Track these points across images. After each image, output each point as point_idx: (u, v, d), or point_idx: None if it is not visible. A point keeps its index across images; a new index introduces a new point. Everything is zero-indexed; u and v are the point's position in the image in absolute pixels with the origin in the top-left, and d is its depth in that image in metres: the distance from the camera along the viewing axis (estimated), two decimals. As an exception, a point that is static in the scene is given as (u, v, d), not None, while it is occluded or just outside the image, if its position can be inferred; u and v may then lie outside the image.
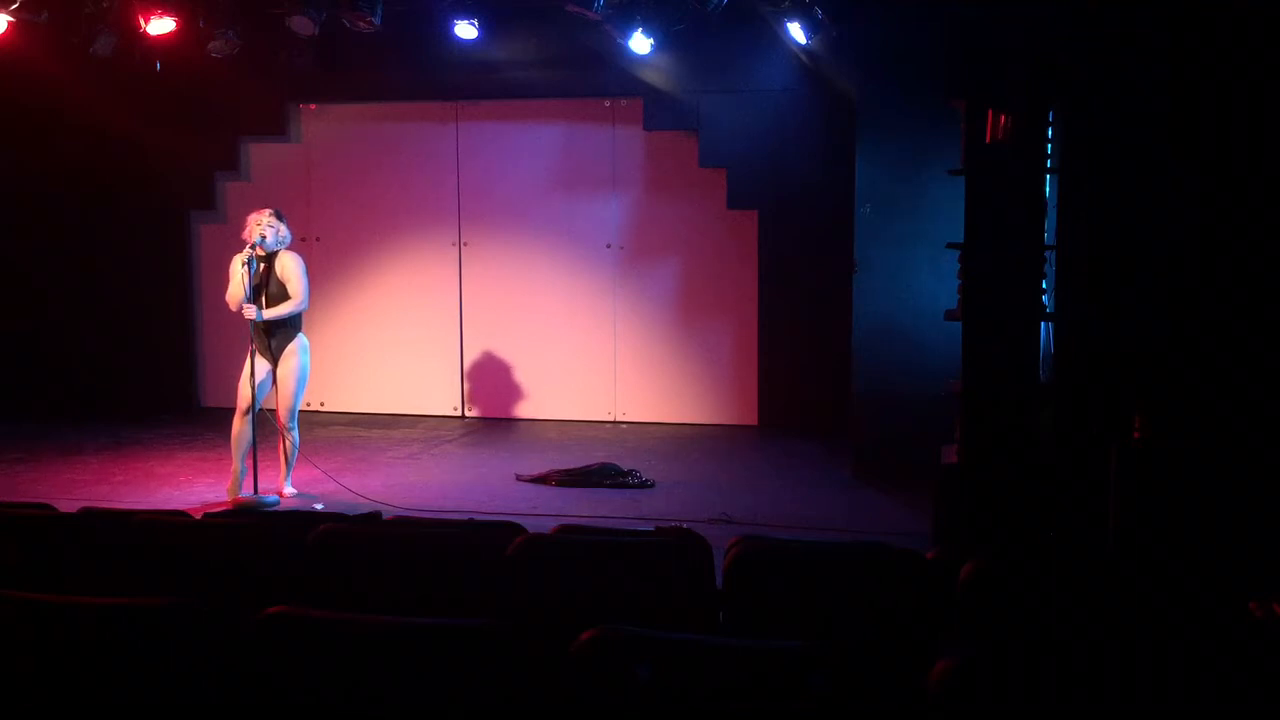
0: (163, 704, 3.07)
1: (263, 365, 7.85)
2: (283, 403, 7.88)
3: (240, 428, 7.85)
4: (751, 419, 10.64)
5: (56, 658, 3.14)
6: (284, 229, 7.84)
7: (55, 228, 11.26)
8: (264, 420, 7.88)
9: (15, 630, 3.18)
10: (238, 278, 7.72)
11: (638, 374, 10.88)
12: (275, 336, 7.83)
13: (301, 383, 7.93)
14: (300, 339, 7.93)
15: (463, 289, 11.13)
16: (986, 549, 4.94)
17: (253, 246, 7.67)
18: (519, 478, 8.70)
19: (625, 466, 8.77)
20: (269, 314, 7.73)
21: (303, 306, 7.85)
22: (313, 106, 11.28)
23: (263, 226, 7.71)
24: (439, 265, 11.14)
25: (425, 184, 11.13)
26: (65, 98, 10.68)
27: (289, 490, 8.05)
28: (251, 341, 7.78)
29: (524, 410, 11.06)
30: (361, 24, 8.51)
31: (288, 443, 7.93)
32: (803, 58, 9.76)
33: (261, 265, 7.73)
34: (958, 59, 6.53)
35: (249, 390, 7.75)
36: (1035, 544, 5.78)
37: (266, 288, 7.77)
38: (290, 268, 7.80)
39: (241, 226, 7.83)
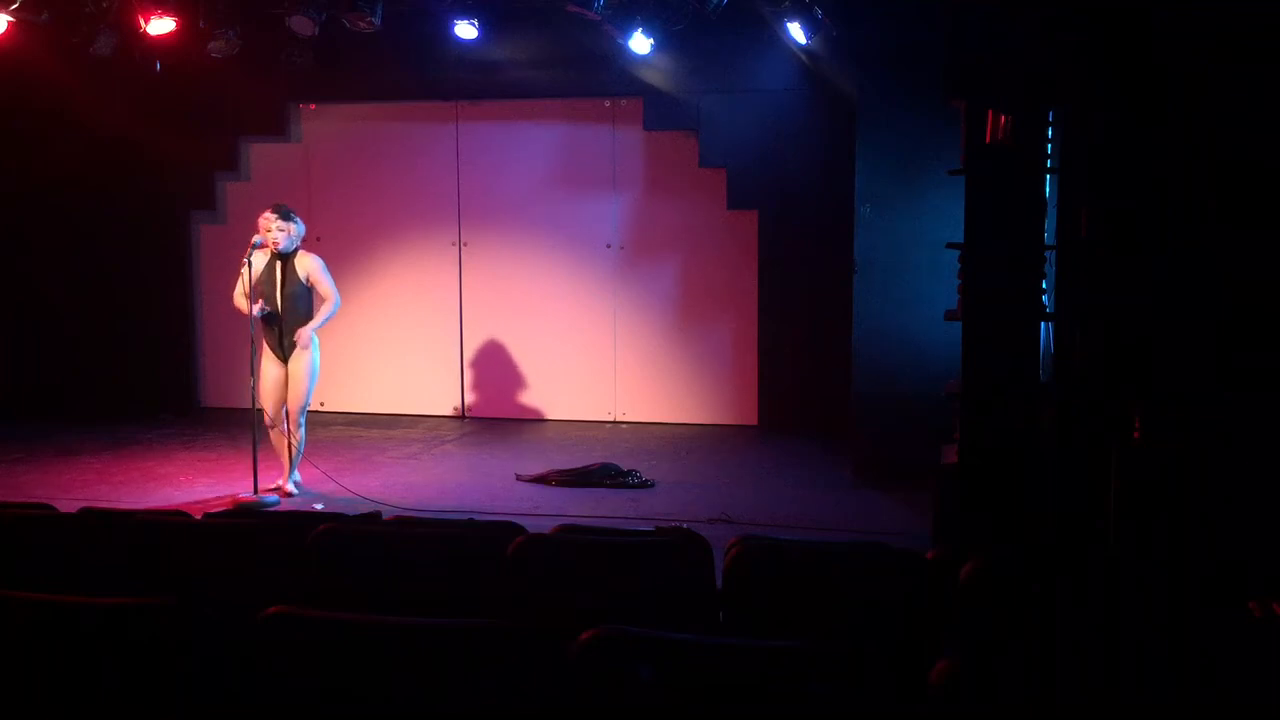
0: (163, 704, 3.07)
1: (272, 364, 7.89)
2: (294, 400, 7.91)
3: (272, 434, 8.00)
4: (751, 419, 10.64)
5: (56, 658, 3.14)
6: (294, 228, 7.86)
7: (55, 228, 11.26)
8: (261, 422, 7.92)
9: (15, 630, 3.18)
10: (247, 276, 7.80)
11: (638, 374, 10.88)
12: (288, 335, 7.88)
13: (313, 379, 7.97)
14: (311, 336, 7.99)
15: (463, 289, 11.12)
16: (986, 549, 4.94)
17: (254, 246, 7.72)
18: (519, 478, 8.70)
19: (625, 466, 8.77)
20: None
21: (338, 304, 8.00)
22: (313, 106, 11.27)
23: (273, 231, 7.75)
24: (439, 265, 11.14)
25: (425, 184, 11.13)
26: (65, 98, 10.67)
27: (292, 486, 8.04)
28: (253, 341, 7.82)
29: (524, 410, 11.05)
30: (361, 24, 8.51)
31: (294, 439, 7.95)
32: (803, 58, 9.76)
33: (279, 263, 7.80)
34: (958, 59, 6.52)
35: (267, 392, 7.88)
36: (1035, 544, 5.78)
37: (284, 286, 7.83)
38: (314, 270, 7.90)
39: (254, 229, 7.87)
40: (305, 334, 7.86)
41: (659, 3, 8.74)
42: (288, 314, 7.86)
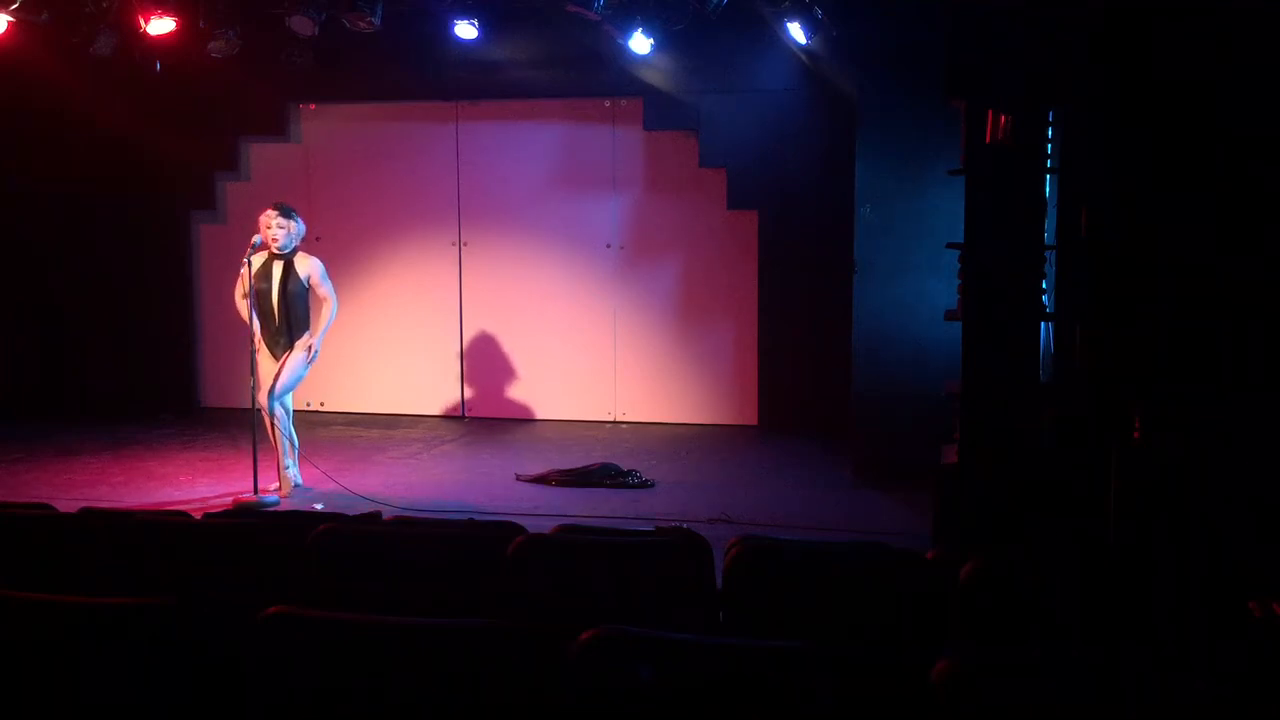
0: (163, 704, 3.07)
1: (269, 362, 7.91)
2: (279, 381, 7.92)
3: (271, 430, 7.99)
4: (751, 419, 10.64)
5: (57, 658, 3.14)
6: (294, 226, 7.89)
7: (55, 228, 11.26)
8: (262, 421, 7.92)
9: (16, 630, 3.18)
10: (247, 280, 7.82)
11: (638, 374, 10.87)
12: (286, 334, 7.91)
13: (303, 370, 7.98)
14: (308, 334, 8.01)
15: (463, 289, 11.12)
16: (986, 549, 4.94)
17: (254, 247, 7.75)
18: (519, 477, 8.70)
19: (625, 466, 8.77)
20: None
21: (335, 309, 8.08)
22: (313, 106, 11.27)
23: (273, 230, 7.78)
24: (439, 265, 11.14)
25: (425, 184, 11.13)
26: (65, 98, 10.67)
27: (295, 481, 8.03)
28: (253, 342, 7.83)
29: (524, 410, 11.05)
30: (361, 24, 8.51)
31: (274, 419, 7.92)
32: (803, 58, 9.76)
33: (279, 261, 7.84)
34: (958, 59, 6.52)
35: (267, 390, 7.89)
36: (1035, 544, 5.78)
37: (284, 285, 7.87)
38: (314, 272, 7.98)
39: (254, 229, 7.90)
40: (315, 347, 7.94)
41: (659, 3, 8.73)
42: (287, 313, 7.87)
